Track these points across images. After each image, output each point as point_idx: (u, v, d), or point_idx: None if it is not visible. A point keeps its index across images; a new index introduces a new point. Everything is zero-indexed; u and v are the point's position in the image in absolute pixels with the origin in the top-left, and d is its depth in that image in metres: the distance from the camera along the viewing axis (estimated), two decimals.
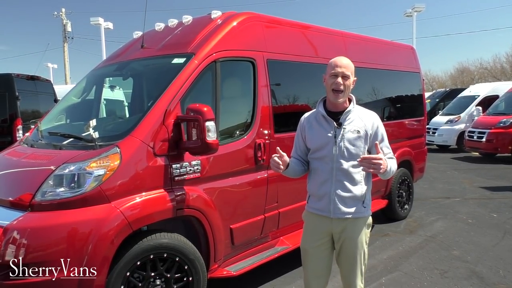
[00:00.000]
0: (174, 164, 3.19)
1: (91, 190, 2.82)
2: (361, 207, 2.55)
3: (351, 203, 2.53)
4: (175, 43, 3.88)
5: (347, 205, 2.52)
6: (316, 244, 2.63)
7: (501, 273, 4.17)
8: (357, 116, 2.58)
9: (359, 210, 2.55)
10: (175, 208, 3.15)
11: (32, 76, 10.48)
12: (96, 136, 3.20)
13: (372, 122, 2.58)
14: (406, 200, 6.32)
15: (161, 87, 3.37)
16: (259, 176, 3.89)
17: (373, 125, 2.58)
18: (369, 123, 2.57)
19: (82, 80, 4.65)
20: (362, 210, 2.56)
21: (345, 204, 2.52)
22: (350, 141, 2.52)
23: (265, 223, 3.98)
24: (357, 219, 2.55)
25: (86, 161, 2.90)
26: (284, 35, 4.40)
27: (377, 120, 2.62)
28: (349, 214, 2.52)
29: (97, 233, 2.74)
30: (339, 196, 2.52)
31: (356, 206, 2.53)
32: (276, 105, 4.11)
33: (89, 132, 3.34)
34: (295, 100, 4.47)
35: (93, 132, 3.31)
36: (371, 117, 2.61)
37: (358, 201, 2.54)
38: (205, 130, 3.03)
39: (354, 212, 2.53)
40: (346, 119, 2.55)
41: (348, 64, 2.55)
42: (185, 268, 3.15)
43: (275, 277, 4.22)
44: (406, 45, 7.04)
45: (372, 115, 2.64)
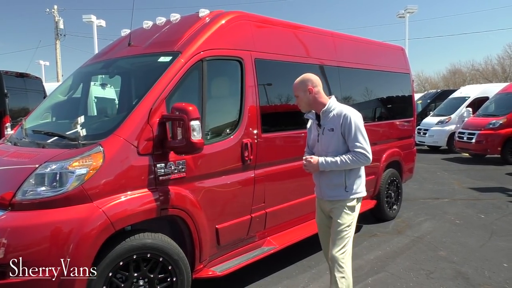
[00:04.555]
0: (159, 164, 3.15)
1: (73, 189, 2.78)
2: (343, 192, 3.05)
3: (334, 188, 3.07)
4: (162, 41, 3.84)
5: (331, 191, 3.09)
6: (319, 219, 3.33)
7: (486, 274, 4.20)
8: (333, 115, 3.04)
9: (341, 193, 3.06)
10: (159, 208, 3.12)
11: (21, 73, 10.40)
12: (80, 135, 3.16)
13: (343, 118, 2.98)
14: (395, 201, 6.34)
15: (146, 85, 3.33)
16: (246, 176, 3.87)
17: (344, 121, 2.97)
18: (341, 120, 2.98)
19: (69, 78, 4.60)
20: (343, 194, 3.06)
21: (330, 190, 3.10)
22: (327, 138, 3.05)
23: (251, 223, 3.96)
24: (339, 201, 3.07)
25: (68, 160, 2.86)
26: (272, 35, 4.38)
27: (349, 116, 2.97)
28: (332, 197, 3.09)
29: (79, 233, 2.70)
30: (324, 184, 3.12)
31: (339, 191, 3.06)
32: (264, 104, 4.09)
33: (73, 130, 3.31)
34: (283, 100, 4.45)
35: (76, 131, 3.27)
36: (343, 113, 3.00)
37: (340, 187, 3.05)
38: (190, 130, 3.00)
39: (336, 195, 3.07)
40: (324, 119, 3.08)
41: (294, 86, 3.20)
42: (169, 268, 3.12)
43: (262, 277, 4.20)
44: (396, 46, 7.06)
45: (345, 111, 3.01)
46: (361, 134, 2.97)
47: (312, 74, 3.19)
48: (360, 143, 2.95)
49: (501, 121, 12.22)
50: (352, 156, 2.94)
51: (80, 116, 3.80)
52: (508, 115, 12.25)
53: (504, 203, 7.18)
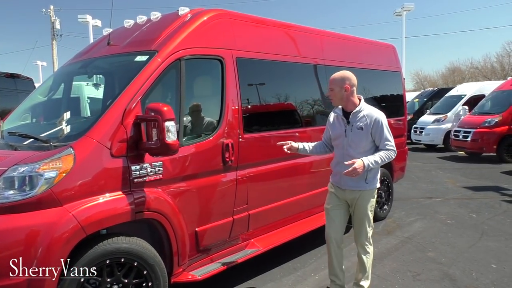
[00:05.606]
0: (134, 166, 3.07)
1: (42, 193, 2.70)
2: (363, 183, 3.38)
3: (357, 180, 3.35)
4: (140, 41, 3.76)
5: (353, 182, 3.37)
6: (331, 205, 3.55)
7: (473, 276, 4.12)
8: (363, 115, 3.35)
9: (362, 185, 3.38)
10: (134, 211, 3.04)
11: (12, 74, 10.31)
12: (52, 137, 3.09)
13: (374, 122, 3.31)
14: (385, 201, 6.25)
15: (121, 85, 3.26)
16: (227, 177, 3.80)
17: (376, 124, 3.31)
18: (371, 121, 3.32)
19: (49, 78, 4.53)
20: (364, 185, 3.39)
21: (352, 181, 3.36)
22: (355, 135, 3.36)
23: (233, 226, 3.88)
24: (360, 191, 3.40)
25: (37, 162, 2.78)
26: (255, 33, 4.30)
27: (379, 120, 3.33)
28: (354, 187, 3.40)
29: (47, 237, 2.62)
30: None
31: (360, 182, 3.37)
32: (247, 104, 4.01)
33: (47, 132, 3.23)
34: (267, 99, 4.38)
35: (50, 133, 3.19)
36: (374, 117, 3.33)
37: (361, 178, 3.35)
38: (164, 131, 2.92)
39: (357, 186, 3.39)
40: (354, 118, 3.37)
41: (332, 79, 3.43)
42: (144, 273, 3.05)
43: (246, 280, 4.12)
44: (386, 44, 6.97)
45: (375, 115, 3.34)
46: (389, 134, 3.37)
47: (351, 73, 3.43)
48: (390, 142, 3.35)
49: (497, 119, 12.12)
50: (385, 153, 3.31)
51: (58, 117, 3.74)
52: (504, 113, 12.15)
53: (497, 202, 7.10)
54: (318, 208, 5.04)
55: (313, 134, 4.77)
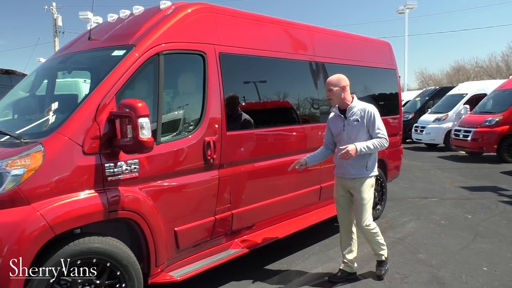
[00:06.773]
0: (107, 163, 2.98)
1: (8, 191, 2.61)
2: (364, 170, 3.83)
3: (358, 168, 3.82)
4: (119, 35, 3.67)
5: (354, 170, 3.82)
6: (339, 195, 4.03)
7: (463, 279, 4.00)
8: (357, 109, 3.81)
9: (363, 172, 3.83)
10: (107, 210, 2.95)
11: (7, 70, 10.21)
12: (25, 133, 3.00)
13: (367, 114, 3.77)
14: (378, 200, 6.12)
15: (97, 80, 3.16)
16: (209, 176, 3.70)
17: (368, 117, 3.77)
18: (365, 113, 3.77)
19: (32, 74, 4.44)
20: (364, 172, 3.84)
21: (353, 169, 3.82)
22: (353, 128, 3.80)
23: (216, 225, 3.79)
24: (361, 179, 3.84)
25: (5, 159, 2.69)
26: (239, 28, 4.18)
27: (371, 109, 3.79)
28: (355, 175, 3.83)
29: (12, 237, 2.54)
30: (349, 164, 3.81)
31: (361, 170, 3.82)
32: (230, 101, 3.90)
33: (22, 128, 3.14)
34: (251, 95, 4.27)
35: (25, 129, 3.11)
36: (367, 110, 3.78)
37: (362, 166, 3.81)
38: (138, 127, 2.83)
39: (359, 174, 3.83)
40: (350, 113, 3.82)
41: (329, 81, 3.86)
42: (117, 274, 2.96)
43: (230, 281, 4.03)
44: (381, 41, 6.83)
45: (368, 108, 3.80)
46: (381, 124, 3.81)
47: (344, 75, 3.87)
48: (381, 130, 3.77)
49: (497, 118, 11.93)
50: (377, 141, 3.73)
51: (35, 113, 3.65)
52: (505, 113, 11.96)
53: (494, 203, 6.96)
54: (306, 208, 4.96)
55: (300, 132, 4.67)
